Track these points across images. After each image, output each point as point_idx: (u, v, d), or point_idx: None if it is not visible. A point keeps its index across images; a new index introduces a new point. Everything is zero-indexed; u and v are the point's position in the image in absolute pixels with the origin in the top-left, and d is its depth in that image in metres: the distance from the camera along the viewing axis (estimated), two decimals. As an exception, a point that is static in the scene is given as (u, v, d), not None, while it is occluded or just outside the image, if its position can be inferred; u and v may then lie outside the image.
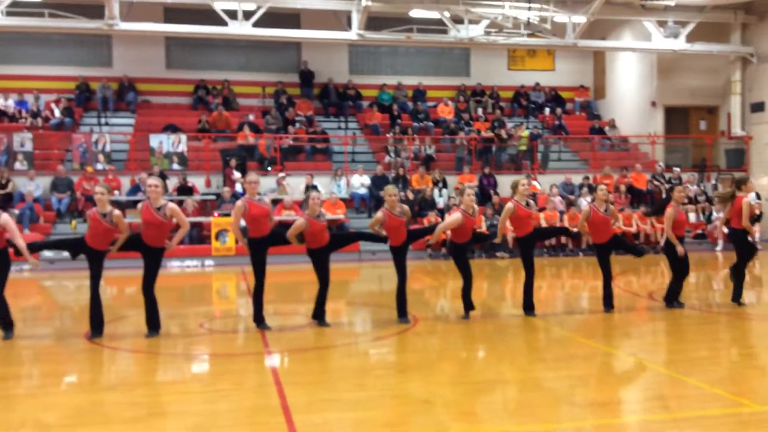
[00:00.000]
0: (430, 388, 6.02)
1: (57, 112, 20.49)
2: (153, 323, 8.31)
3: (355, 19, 19.24)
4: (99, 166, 18.78)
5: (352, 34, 19.55)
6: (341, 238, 9.83)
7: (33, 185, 17.71)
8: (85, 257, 8.22)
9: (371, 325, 9.57)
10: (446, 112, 23.21)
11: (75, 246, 8.49)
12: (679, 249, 9.34)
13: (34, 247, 8.52)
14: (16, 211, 16.90)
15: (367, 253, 16.55)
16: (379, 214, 8.79)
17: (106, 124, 21.21)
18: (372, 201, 19.07)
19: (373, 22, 19.56)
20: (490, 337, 8.30)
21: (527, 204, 9.21)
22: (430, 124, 22.63)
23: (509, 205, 9.10)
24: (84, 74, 21.99)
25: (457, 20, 19.68)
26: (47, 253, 15.58)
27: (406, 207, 8.98)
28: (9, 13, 17.66)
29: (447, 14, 19.36)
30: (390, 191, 8.84)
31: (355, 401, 5.68)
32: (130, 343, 8.12)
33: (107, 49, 22.73)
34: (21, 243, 8.11)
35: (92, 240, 8.12)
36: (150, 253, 8.22)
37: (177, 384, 6.56)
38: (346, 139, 21.85)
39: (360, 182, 19.49)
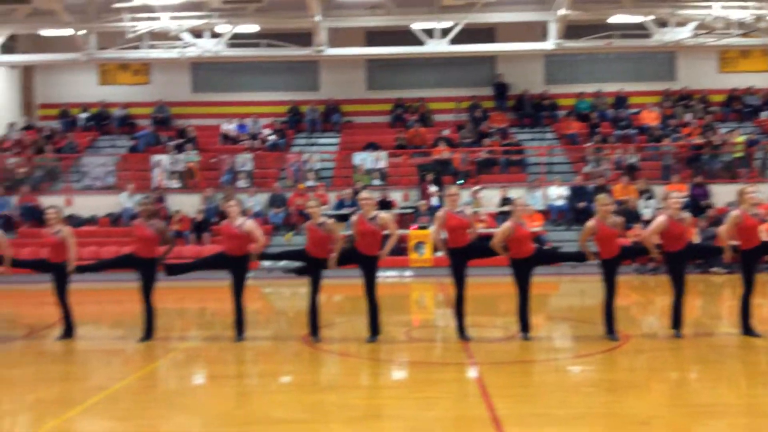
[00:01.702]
0: (644, 408, 5.80)
1: (271, 135, 22.25)
2: (375, 328, 8.80)
3: (552, 29, 19.00)
4: (309, 183, 20.17)
5: (549, 44, 19.31)
6: (547, 254, 9.73)
7: (253, 201, 19.43)
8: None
9: (574, 340, 9.38)
10: (651, 118, 22.07)
11: (298, 255, 9.22)
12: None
13: (262, 257, 9.52)
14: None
15: (567, 266, 16.16)
16: (591, 223, 8.59)
17: (315, 144, 22.75)
18: (570, 213, 18.65)
19: (571, 30, 19.17)
20: (705, 358, 7.80)
21: (755, 214, 8.55)
22: (633, 131, 21.64)
23: (735, 213, 8.48)
24: (295, 99, 23.78)
25: (662, 23, 18.71)
26: (265, 263, 17.06)
27: (619, 218, 8.73)
28: (231, 45, 19.59)
29: (651, 18, 18.48)
30: (603, 201, 8.65)
31: (565, 418, 5.63)
32: (340, 347, 8.67)
33: (315, 74, 24.39)
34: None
35: (312, 248, 8.84)
36: (366, 263, 8.77)
37: (387, 389, 6.92)
38: (542, 149, 21.56)
39: (557, 194, 19.13)
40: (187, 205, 19.14)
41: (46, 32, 19.97)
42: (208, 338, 9.71)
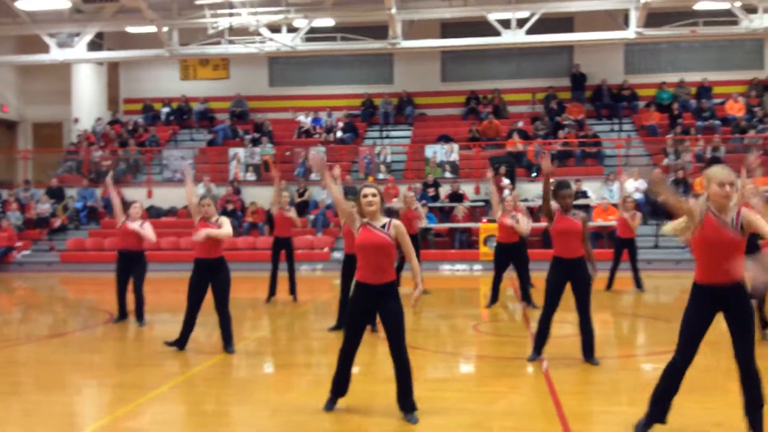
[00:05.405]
0: (721, 410, 5.58)
1: (338, 132, 22.36)
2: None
3: (633, 17, 18.40)
4: (380, 176, 20.28)
5: (630, 33, 18.72)
6: None
7: (325, 194, 19.68)
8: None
9: (647, 337, 9.11)
10: (736, 108, 21.14)
11: None
12: None
13: None
14: (312, 217, 18.95)
15: (643, 262, 15.69)
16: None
17: (387, 136, 22.83)
18: (647, 206, 18.07)
19: (653, 18, 18.53)
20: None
21: None
22: (717, 122, 20.77)
23: None
24: (369, 91, 23.92)
25: (750, 9, 17.85)
26: (336, 254, 17.30)
27: None
28: (308, 39, 19.84)
29: (738, 4, 17.65)
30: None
31: (632, 417, 5.47)
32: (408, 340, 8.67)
33: (389, 66, 24.45)
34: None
35: None
36: None
37: (453, 382, 6.89)
38: (620, 141, 20.97)
39: (635, 187, 18.57)
40: (262, 197, 19.57)
41: (131, 29, 20.76)
42: (279, 328, 9.91)
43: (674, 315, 8.36)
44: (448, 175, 20.14)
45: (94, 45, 21.39)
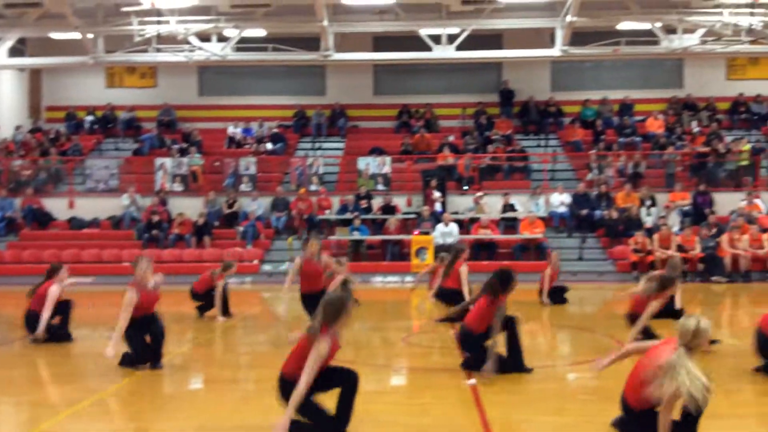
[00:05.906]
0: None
1: (269, 145, 22.13)
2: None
3: (559, 35, 18.99)
4: (312, 188, 20.18)
5: (556, 51, 19.30)
6: None
7: (255, 205, 19.45)
8: None
9: (572, 348, 9.34)
10: (656, 126, 22.02)
11: None
12: None
13: None
14: (241, 229, 18.68)
15: (568, 274, 16.12)
16: None
17: (320, 148, 22.75)
18: (572, 220, 18.61)
19: (578, 37, 19.15)
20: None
21: None
22: (638, 139, 21.59)
23: None
24: (301, 103, 23.78)
25: (670, 30, 18.68)
26: (266, 267, 17.14)
27: None
28: (238, 49, 19.64)
29: (659, 25, 18.44)
30: None
31: (557, 425, 5.60)
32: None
33: (321, 78, 24.38)
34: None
35: None
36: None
37: (382, 395, 6.89)
38: (546, 156, 21.52)
39: (560, 200, 19.10)
40: (190, 208, 19.18)
41: (55, 35, 20.10)
42: (206, 342, 9.71)
43: (597, 325, 8.65)
44: (380, 187, 20.21)
45: (16, 51, 20.61)
